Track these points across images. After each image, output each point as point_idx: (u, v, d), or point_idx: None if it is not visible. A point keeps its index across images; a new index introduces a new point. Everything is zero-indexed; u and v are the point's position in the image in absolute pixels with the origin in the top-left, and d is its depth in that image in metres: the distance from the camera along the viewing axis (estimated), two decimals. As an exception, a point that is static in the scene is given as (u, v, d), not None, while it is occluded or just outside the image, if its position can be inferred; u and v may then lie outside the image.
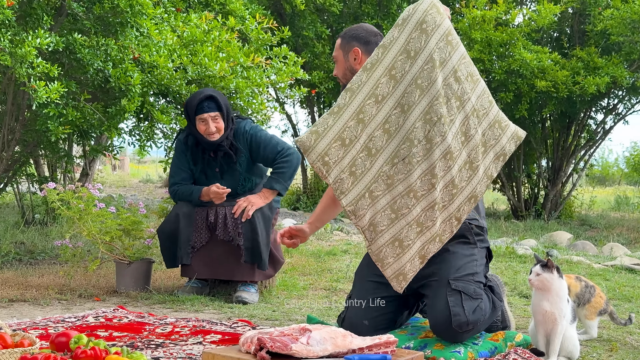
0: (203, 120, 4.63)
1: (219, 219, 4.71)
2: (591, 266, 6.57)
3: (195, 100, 4.65)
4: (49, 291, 4.69)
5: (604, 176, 22.96)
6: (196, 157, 4.78)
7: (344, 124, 3.19)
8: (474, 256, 3.48)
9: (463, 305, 3.31)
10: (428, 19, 3.19)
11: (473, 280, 3.40)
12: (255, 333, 2.87)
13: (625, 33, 10.00)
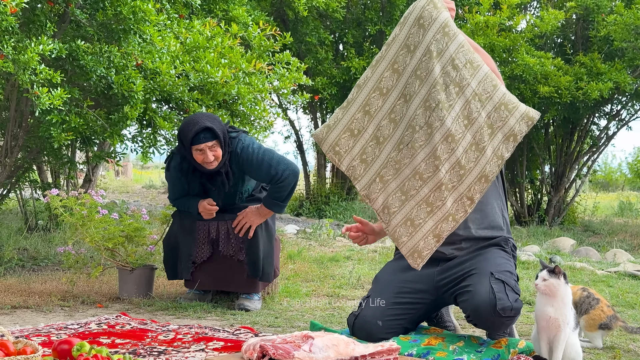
0: (200, 150, 4.45)
1: (221, 234, 4.70)
2: (594, 272, 6.56)
3: (191, 133, 4.42)
4: (52, 298, 4.68)
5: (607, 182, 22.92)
6: (192, 180, 4.66)
7: (351, 116, 3.51)
8: (510, 260, 3.63)
9: (507, 292, 3.41)
10: (425, 14, 3.42)
11: (513, 278, 3.52)
12: (257, 340, 2.86)
13: (628, 39, 9.99)
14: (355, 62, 10.73)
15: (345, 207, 11.71)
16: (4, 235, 6.71)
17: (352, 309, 4.73)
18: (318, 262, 6.61)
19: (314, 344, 2.82)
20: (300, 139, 12.87)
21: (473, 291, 3.45)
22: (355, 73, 10.75)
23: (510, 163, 11.99)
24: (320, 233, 8.61)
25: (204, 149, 4.43)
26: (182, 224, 4.74)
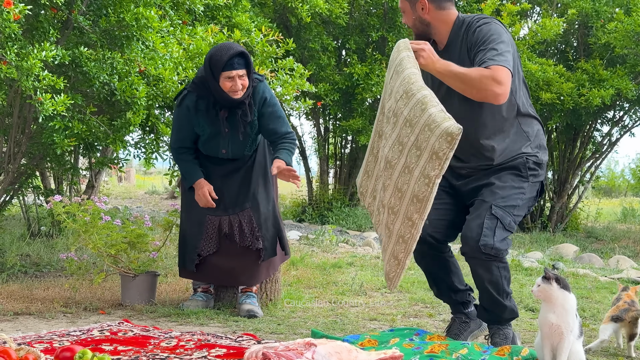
0: (230, 78, 4.38)
1: (235, 227, 4.68)
2: (597, 279, 6.55)
3: (225, 56, 4.34)
4: (54, 304, 4.68)
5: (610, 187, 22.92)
6: (207, 120, 4.56)
7: (366, 159, 4.01)
8: (522, 189, 3.76)
9: (495, 230, 3.62)
10: (391, 58, 3.75)
11: (512, 214, 3.69)
12: (260, 348, 2.86)
13: (629, 45, 10.00)
14: (358, 68, 10.73)
15: (347, 213, 11.71)
16: (7, 241, 6.71)
17: (355, 315, 4.73)
18: (321, 268, 6.60)
19: (317, 351, 2.82)
20: (302, 145, 12.88)
21: (468, 221, 3.72)
22: (358, 79, 10.76)
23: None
24: (323, 239, 8.61)
25: (234, 77, 4.39)
26: (192, 217, 4.71)
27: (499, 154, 3.78)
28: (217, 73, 4.40)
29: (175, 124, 4.70)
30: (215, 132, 4.60)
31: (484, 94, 3.58)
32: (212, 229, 4.70)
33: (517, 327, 4.47)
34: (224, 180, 4.73)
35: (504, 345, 3.59)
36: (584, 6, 10.46)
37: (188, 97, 4.57)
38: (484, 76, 3.55)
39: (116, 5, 5.40)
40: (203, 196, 4.65)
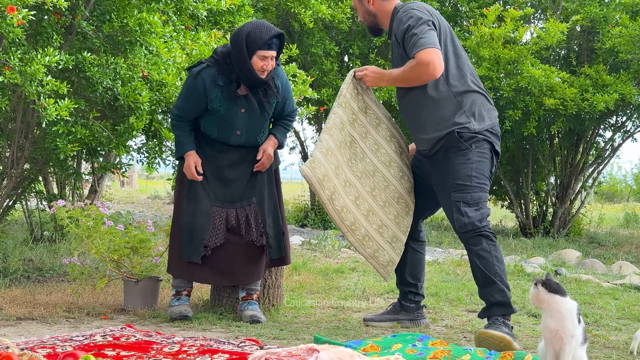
0: (264, 58, 4.35)
1: (242, 221, 4.61)
2: (600, 285, 6.54)
3: (265, 36, 4.31)
4: (57, 309, 4.68)
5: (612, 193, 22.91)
6: (224, 96, 4.48)
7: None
8: (469, 161, 4.13)
9: (461, 211, 4.10)
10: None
11: (471, 185, 4.11)
12: (262, 353, 2.86)
13: (633, 51, 10.00)
14: (361, 73, 10.72)
15: (350, 218, 11.68)
16: (10, 246, 6.72)
17: (357, 321, 4.72)
18: (323, 273, 6.60)
19: (320, 357, 2.82)
20: (305, 150, 12.89)
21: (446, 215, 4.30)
22: (361, 84, 10.74)
23: (515, 175, 11.99)
24: (326, 244, 8.61)
25: (268, 57, 4.37)
26: (199, 208, 4.56)
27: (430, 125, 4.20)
28: (252, 50, 4.34)
29: (183, 93, 4.59)
30: (231, 110, 4.52)
31: (422, 78, 4.07)
32: (219, 220, 4.58)
33: (520, 332, 4.46)
34: (230, 171, 4.64)
35: (506, 352, 3.59)
36: (593, 11, 10.46)
37: (206, 71, 4.48)
38: (413, 67, 4.04)
39: (119, 10, 5.41)
40: (188, 168, 4.54)
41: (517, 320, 4.82)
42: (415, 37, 4.04)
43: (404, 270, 4.61)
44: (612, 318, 5.02)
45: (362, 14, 4.42)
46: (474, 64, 10.60)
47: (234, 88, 4.46)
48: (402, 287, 4.66)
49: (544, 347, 3.40)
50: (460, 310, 5.11)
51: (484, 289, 4.12)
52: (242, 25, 4.46)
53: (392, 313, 4.65)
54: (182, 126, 4.63)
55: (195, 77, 4.49)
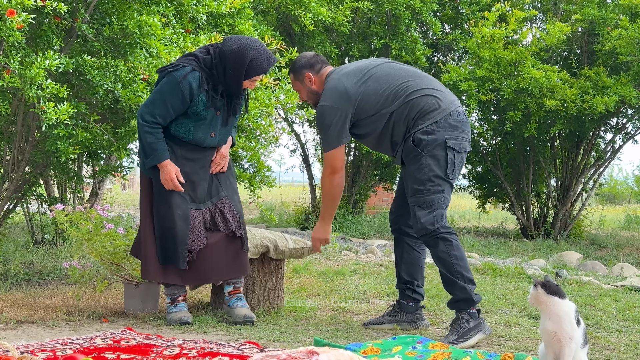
0: (255, 80, 4.54)
1: (216, 216, 4.61)
2: (601, 287, 6.54)
3: (267, 65, 4.48)
4: (58, 312, 4.68)
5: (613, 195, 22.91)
6: (207, 100, 4.48)
7: None
8: (422, 165, 4.33)
9: (416, 215, 4.36)
10: None
11: (424, 189, 4.33)
12: (262, 356, 2.86)
13: (633, 52, 10.00)
14: (361, 75, 10.73)
15: (351, 220, 11.71)
16: (11, 249, 6.72)
17: (358, 323, 4.73)
18: (324, 276, 6.60)
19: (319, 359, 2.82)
20: (306, 152, 12.89)
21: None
22: (361, 87, 10.75)
23: (516, 176, 11.98)
24: (326, 247, 8.61)
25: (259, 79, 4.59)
26: (177, 212, 4.50)
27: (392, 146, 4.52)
28: (250, 75, 4.48)
29: (163, 98, 4.42)
30: (209, 114, 4.51)
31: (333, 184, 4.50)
32: (198, 223, 4.56)
33: (521, 335, 4.47)
34: (202, 172, 4.62)
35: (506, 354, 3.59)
36: (591, 13, 10.47)
37: (193, 75, 4.42)
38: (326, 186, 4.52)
39: (119, 13, 5.42)
40: (170, 180, 4.45)
41: (517, 323, 4.82)
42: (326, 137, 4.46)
43: (400, 267, 4.72)
44: (612, 320, 5.02)
45: (307, 94, 4.65)
46: (475, 65, 10.61)
47: (216, 94, 4.51)
48: (399, 286, 4.74)
49: (544, 349, 3.40)
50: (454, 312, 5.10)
51: (448, 287, 4.39)
52: (244, 47, 4.42)
53: (392, 314, 4.69)
54: (157, 132, 4.45)
55: (181, 82, 4.40)
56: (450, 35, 11.57)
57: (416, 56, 10.94)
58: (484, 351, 3.70)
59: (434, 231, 4.31)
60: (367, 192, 12.81)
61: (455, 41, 11.50)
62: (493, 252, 9.51)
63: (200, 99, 4.45)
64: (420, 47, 11.05)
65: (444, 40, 11.79)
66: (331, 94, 4.45)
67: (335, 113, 4.41)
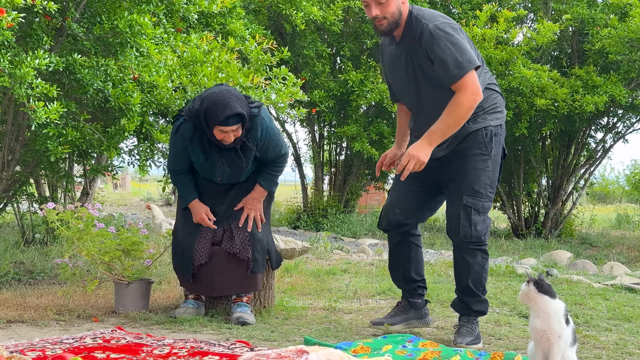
0: (224, 132, 4.40)
1: (225, 233, 4.70)
2: (591, 285, 6.55)
3: (221, 116, 4.32)
4: (47, 312, 4.67)
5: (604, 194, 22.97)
6: (202, 150, 4.56)
7: None
8: (487, 168, 4.06)
9: (471, 219, 4.02)
10: None
11: (485, 194, 4.05)
12: (252, 355, 2.86)
13: (623, 52, 10.04)
14: (353, 75, 10.75)
15: (342, 220, 11.72)
16: (1, 249, 6.70)
17: (348, 322, 4.73)
18: (315, 275, 6.60)
19: (309, 358, 2.82)
20: (297, 152, 12.89)
21: (448, 212, 4.16)
22: (353, 86, 10.78)
23: (507, 176, 12.01)
24: (318, 246, 8.61)
25: (228, 132, 4.40)
26: (186, 227, 4.74)
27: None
28: (211, 124, 4.40)
29: (171, 149, 4.69)
30: (210, 161, 4.62)
31: (472, 109, 3.90)
32: (205, 239, 4.71)
33: (511, 333, 4.48)
34: (216, 200, 4.77)
35: (496, 352, 3.60)
36: (581, 12, 10.50)
37: (184, 126, 4.55)
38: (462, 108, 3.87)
39: (110, 12, 5.41)
40: (201, 220, 4.69)
41: (508, 322, 4.83)
42: (455, 62, 3.86)
43: (408, 268, 4.48)
44: (602, 319, 5.03)
45: (393, 10, 3.95)
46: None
47: (208, 144, 4.54)
48: (409, 286, 4.51)
49: (533, 348, 3.41)
50: (451, 312, 5.11)
51: (468, 297, 4.20)
52: (206, 95, 4.45)
53: (402, 313, 4.52)
54: (181, 178, 4.74)
55: (176, 133, 4.59)
56: (442, 35, 11.57)
57: (407, 55, 10.93)
58: (474, 350, 3.71)
59: (482, 243, 4.10)
60: (358, 191, 12.83)
61: (446, 41, 11.51)
62: (484, 251, 9.51)
63: (193, 149, 4.58)
64: (411, 46, 11.05)
65: (436, 40, 11.79)
66: (441, 16, 4.00)
67: (458, 32, 3.92)
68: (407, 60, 4.07)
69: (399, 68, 4.13)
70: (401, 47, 4.07)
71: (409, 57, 4.06)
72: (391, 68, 4.22)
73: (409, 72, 4.07)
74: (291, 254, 5.03)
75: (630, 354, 4.03)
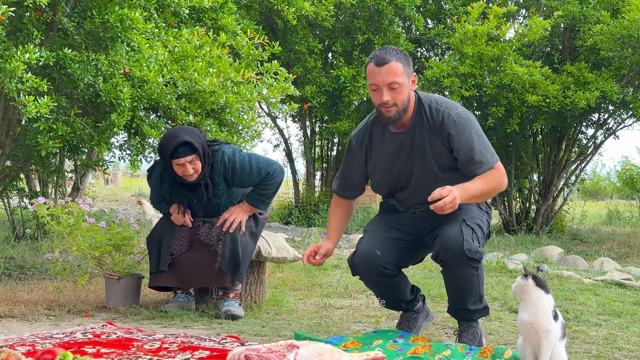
0: (180, 165, 4.52)
1: (204, 226, 4.70)
2: (581, 281, 6.57)
3: (170, 147, 4.48)
4: (38, 307, 4.66)
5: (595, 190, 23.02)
6: (174, 191, 4.73)
7: None
8: (484, 216, 3.84)
9: (473, 236, 3.67)
10: None
11: (481, 230, 3.76)
12: (242, 350, 2.86)
13: (614, 48, 10.06)
14: (345, 70, 10.75)
15: (334, 215, 11.70)
16: (-9, 244, 6.69)
17: (339, 317, 4.73)
18: (306, 270, 6.60)
19: (299, 353, 2.82)
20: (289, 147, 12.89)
21: (444, 232, 3.69)
22: (345, 82, 10.78)
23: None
24: (309, 241, 8.61)
25: (183, 163, 4.51)
26: (167, 220, 4.79)
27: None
28: (167, 160, 4.55)
29: (151, 188, 4.87)
30: (183, 200, 4.74)
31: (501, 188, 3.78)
32: (184, 229, 4.72)
33: (501, 328, 4.49)
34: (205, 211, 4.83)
35: (486, 347, 3.61)
36: (572, 9, 10.52)
37: (156, 169, 4.79)
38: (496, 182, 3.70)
39: (101, 7, 5.39)
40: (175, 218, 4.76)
41: (498, 317, 4.84)
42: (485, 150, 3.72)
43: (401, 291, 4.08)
44: (592, 314, 5.05)
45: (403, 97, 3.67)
46: (458, 61, 10.64)
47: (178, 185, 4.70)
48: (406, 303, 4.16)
49: (522, 343, 3.42)
50: (441, 307, 5.12)
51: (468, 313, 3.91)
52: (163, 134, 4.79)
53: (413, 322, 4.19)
54: (164, 204, 4.86)
55: (150, 177, 4.83)
56: (433, 30, 11.59)
57: (399, 51, 10.94)
58: (464, 345, 3.72)
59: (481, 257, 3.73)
60: (350, 187, 12.82)
61: (438, 36, 11.53)
62: (475, 247, 9.53)
63: (164, 189, 4.77)
64: (403, 42, 11.07)
65: (427, 36, 11.81)
66: (456, 104, 3.84)
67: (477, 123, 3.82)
68: (413, 149, 3.78)
69: (397, 158, 3.83)
70: (407, 135, 3.78)
71: (417, 146, 3.77)
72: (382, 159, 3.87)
73: (410, 160, 3.80)
74: (282, 261, 5.07)
75: (620, 348, 4.05)
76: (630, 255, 9.63)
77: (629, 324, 4.77)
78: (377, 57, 3.62)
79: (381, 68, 3.61)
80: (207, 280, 4.71)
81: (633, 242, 10.48)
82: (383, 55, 3.62)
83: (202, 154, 4.55)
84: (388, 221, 3.99)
